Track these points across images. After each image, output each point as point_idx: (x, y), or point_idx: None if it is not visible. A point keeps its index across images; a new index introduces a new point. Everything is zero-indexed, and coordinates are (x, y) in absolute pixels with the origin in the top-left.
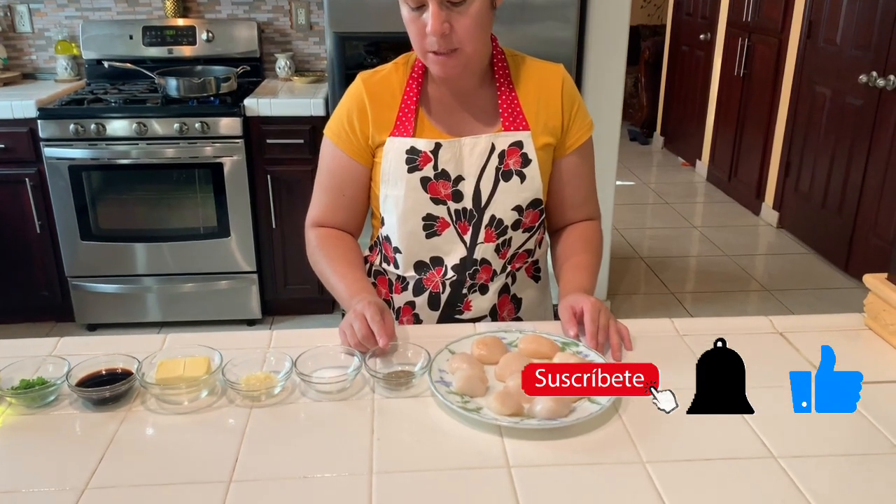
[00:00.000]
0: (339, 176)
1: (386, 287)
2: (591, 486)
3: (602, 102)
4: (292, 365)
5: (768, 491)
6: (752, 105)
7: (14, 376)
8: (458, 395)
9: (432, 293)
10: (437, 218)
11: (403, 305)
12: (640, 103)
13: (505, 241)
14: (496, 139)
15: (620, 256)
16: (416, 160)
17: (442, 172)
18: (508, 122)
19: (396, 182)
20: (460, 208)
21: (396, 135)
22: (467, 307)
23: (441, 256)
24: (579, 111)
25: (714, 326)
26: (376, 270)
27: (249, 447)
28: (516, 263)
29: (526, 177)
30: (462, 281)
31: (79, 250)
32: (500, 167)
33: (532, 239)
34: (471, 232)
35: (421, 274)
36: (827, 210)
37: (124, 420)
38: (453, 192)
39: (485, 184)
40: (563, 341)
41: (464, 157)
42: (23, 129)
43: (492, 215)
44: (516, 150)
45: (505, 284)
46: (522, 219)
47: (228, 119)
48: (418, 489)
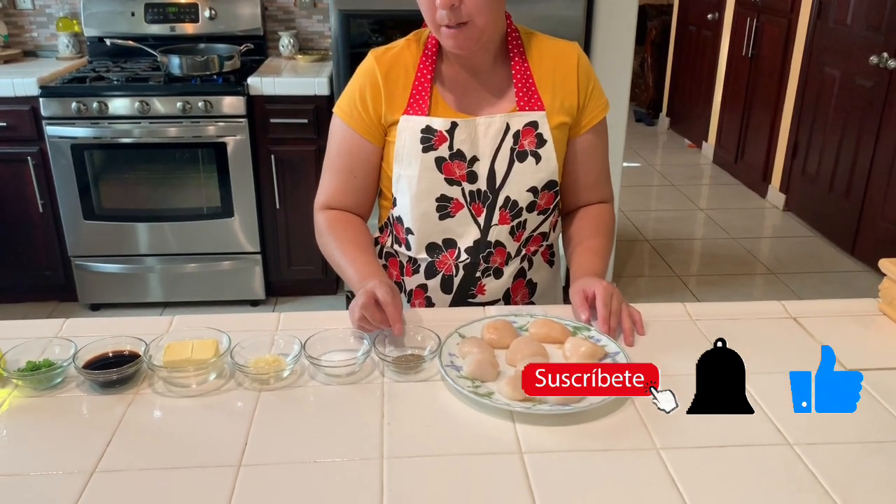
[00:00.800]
0: (351, 157)
1: (397, 269)
2: (604, 472)
3: (610, 83)
4: (301, 348)
5: (784, 478)
6: (759, 86)
7: (20, 358)
8: (469, 380)
9: (445, 276)
10: (451, 199)
11: (415, 288)
12: (646, 84)
13: (520, 223)
14: (511, 119)
15: (625, 239)
16: (431, 140)
17: (457, 153)
18: (524, 101)
19: (410, 162)
20: (475, 189)
21: (411, 113)
22: (481, 291)
23: (454, 238)
24: (595, 90)
25: (726, 311)
26: (387, 252)
27: (259, 431)
28: (531, 247)
29: (541, 157)
30: (476, 264)
31: (81, 230)
32: (515, 148)
33: (547, 222)
34: (485, 214)
35: (433, 256)
36: (834, 193)
37: (132, 403)
38: (468, 172)
39: (499, 164)
40: (574, 325)
41: (479, 137)
42: (24, 108)
43: (506, 196)
44: (531, 131)
45: (521, 269)
46: (537, 200)
47: (232, 98)
48: (431, 474)
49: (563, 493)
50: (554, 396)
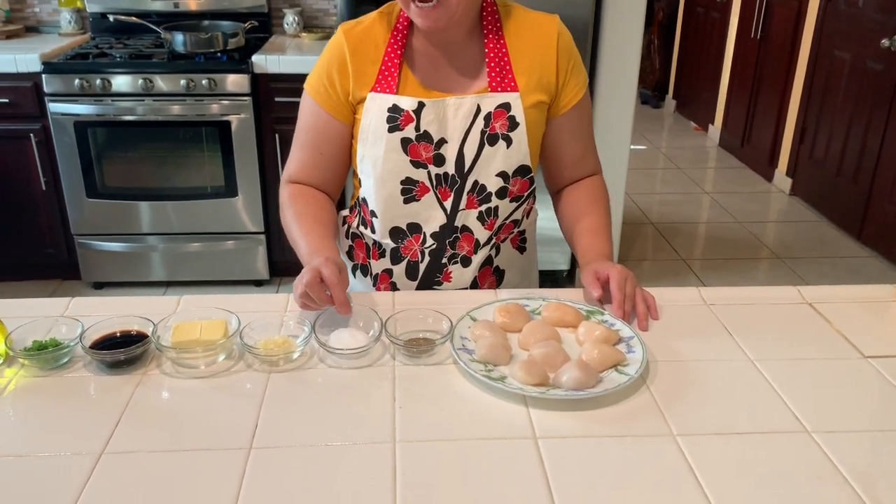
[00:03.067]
0: (318, 133)
1: (363, 251)
2: (620, 459)
3: (619, 66)
4: (311, 330)
5: (803, 466)
6: (768, 69)
7: (26, 337)
8: (482, 364)
9: (410, 262)
10: (417, 182)
11: (381, 273)
12: (653, 66)
13: (490, 209)
14: (482, 100)
15: (630, 222)
16: (397, 119)
17: (424, 134)
18: (496, 81)
19: (375, 142)
20: (441, 173)
21: (378, 91)
22: (447, 278)
23: (419, 223)
24: (575, 67)
25: (742, 296)
26: (353, 233)
27: (269, 413)
28: (502, 235)
29: (512, 141)
30: (442, 250)
31: (84, 208)
32: (486, 130)
33: (520, 209)
34: (452, 198)
35: (398, 242)
36: (842, 177)
37: (140, 384)
38: (435, 155)
39: (469, 148)
40: (587, 310)
41: (447, 118)
42: (27, 84)
43: (475, 181)
44: (503, 113)
45: (488, 257)
46: (509, 186)
47: (236, 76)
48: (444, 459)
49: (578, 479)
50: (569, 380)
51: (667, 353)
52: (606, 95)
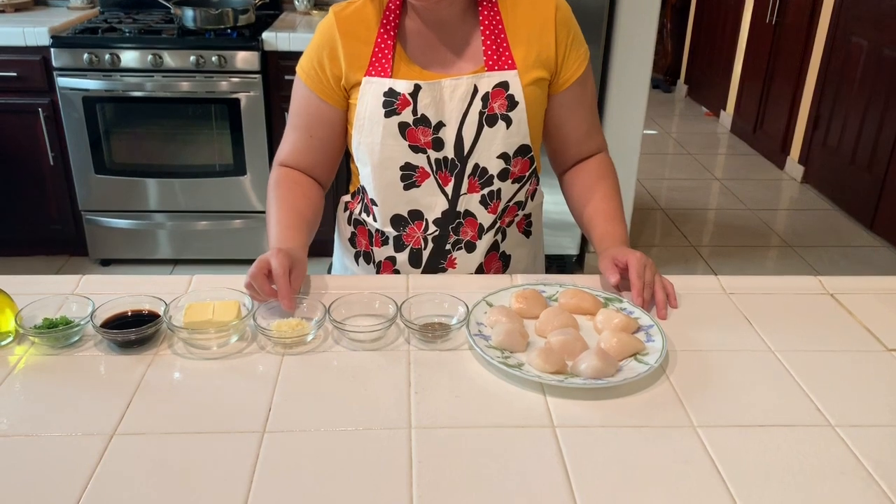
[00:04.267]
0: (309, 117)
1: (366, 238)
2: (640, 449)
3: (634, 50)
4: (325, 312)
5: (826, 460)
6: (782, 54)
7: (36, 314)
8: (498, 350)
9: (413, 249)
10: (417, 168)
11: (384, 260)
12: (665, 50)
13: (492, 192)
14: (479, 80)
15: (639, 207)
16: (394, 103)
17: (422, 118)
18: (493, 60)
19: (372, 128)
20: (441, 157)
21: (373, 74)
22: (451, 264)
23: (421, 210)
24: (575, 41)
25: (761, 285)
26: (356, 220)
27: (283, 396)
28: (506, 218)
29: (512, 121)
30: (445, 236)
31: (92, 184)
32: (485, 111)
33: (523, 190)
34: (453, 183)
35: (400, 230)
36: (855, 166)
37: (151, 364)
38: (434, 139)
39: (467, 130)
40: (605, 297)
41: (444, 100)
42: (35, 58)
43: (475, 164)
44: (501, 92)
45: (494, 242)
46: (510, 168)
47: (246, 53)
48: (461, 446)
49: (598, 469)
50: (587, 369)
51: (686, 342)
52: (620, 80)
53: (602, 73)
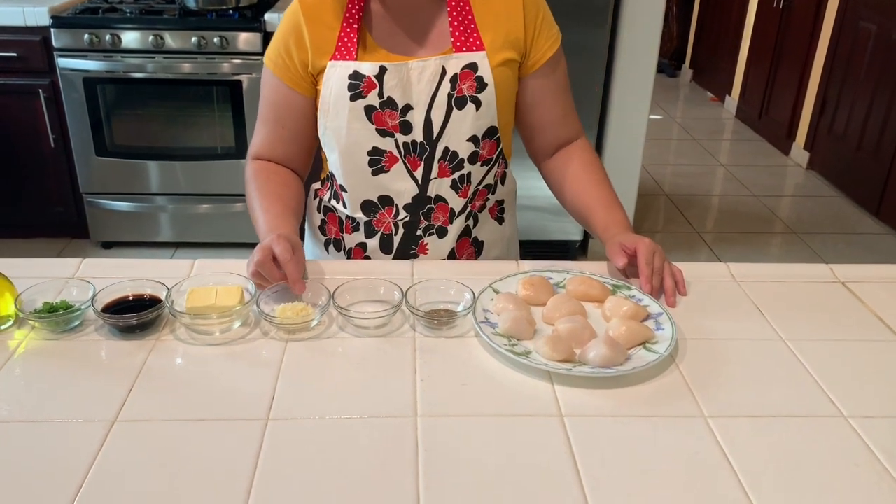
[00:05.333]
0: (279, 107)
1: (336, 225)
2: (650, 440)
3: (640, 34)
4: (330, 297)
5: (839, 451)
6: (789, 39)
7: (36, 298)
8: (505, 338)
9: (384, 235)
10: (385, 152)
11: (355, 247)
12: (670, 33)
13: (463, 176)
14: (447, 62)
15: (643, 193)
16: (359, 86)
17: (388, 101)
18: (460, 41)
19: (337, 112)
20: (409, 141)
21: (338, 58)
22: (423, 250)
23: (390, 195)
24: (545, 21)
25: (772, 273)
26: (325, 207)
27: (286, 384)
28: (476, 202)
29: (482, 103)
30: (416, 222)
31: (93, 166)
32: (454, 94)
33: (491, 173)
34: (422, 167)
35: (370, 216)
36: (862, 152)
37: (153, 349)
38: (401, 122)
39: (436, 113)
40: (613, 284)
41: (411, 82)
42: (35, 38)
43: (445, 147)
44: (470, 74)
45: (466, 227)
46: (479, 150)
47: (248, 34)
48: (468, 435)
49: (607, 459)
50: (596, 357)
51: (695, 330)
52: (626, 64)
53: (608, 57)
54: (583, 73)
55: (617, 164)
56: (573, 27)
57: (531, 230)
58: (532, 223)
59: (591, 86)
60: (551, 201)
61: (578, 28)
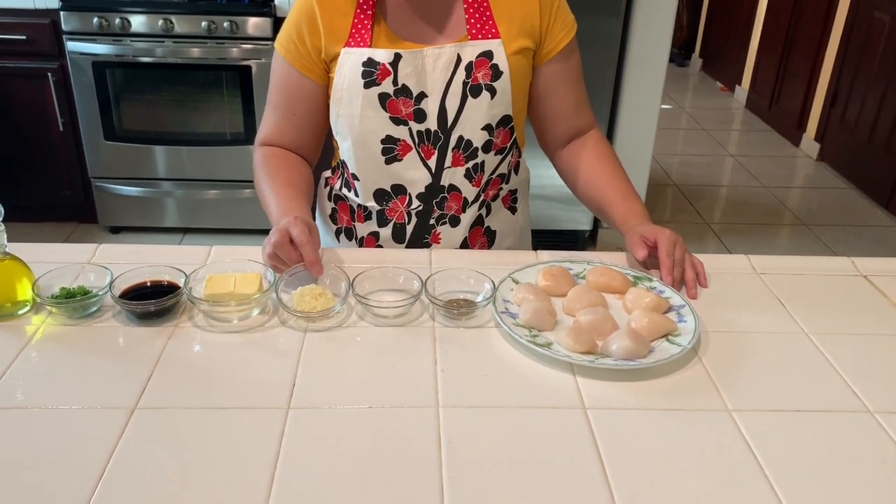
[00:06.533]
0: (290, 93)
1: (347, 214)
2: (674, 433)
3: (653, 25)
4: (349, 286)
5: (865, 447)
6: (801, 29)
7: (53, 284)
8: (526, 329)
9: (397, 224)
10: (398, 140)
11: (367, 235)
12: (680, 23)
13: (476, 165)
14: (462, 49)
15: (652, 183)
16: (373, 74)
17: (402, 88)
18: (476, 28)
19: (351, 99)
20: (423, 129)
21: (352, 45)
22: (435, 239)
23: (403, 184)
24: (560, 9)
25: (793, 265)
26: (336, 195)
27: (306, 372)
28: (490, 191)
29: (497, 91)
30: (429, 211)
31: (102, 150)
32: (469, 81)
33: (505, 162)
34: (436, 156)
35: (382, 205)
36: (873, 144)
37: (171, 336)
38: (415, 110)
39: (451, 101)
40: (634, 275)
41: (426, 70)
42: (44, 21)
43: (459, 136)
44: (485, 62)
45: (479, 216)
46: (493, 139)
47: (258, 19)
48: (491, 426)
49: (631, 452)
50: (618, 349)
51: (718, 323)
52: (638, 54)
53: (620, 46)
54: (595, 63)
55: (628, 154)
56: (586, 16)
57: (541, 219)
58: (542, 212)
59: (602, 75)
60: (561, 190)
61: (592, 17)
